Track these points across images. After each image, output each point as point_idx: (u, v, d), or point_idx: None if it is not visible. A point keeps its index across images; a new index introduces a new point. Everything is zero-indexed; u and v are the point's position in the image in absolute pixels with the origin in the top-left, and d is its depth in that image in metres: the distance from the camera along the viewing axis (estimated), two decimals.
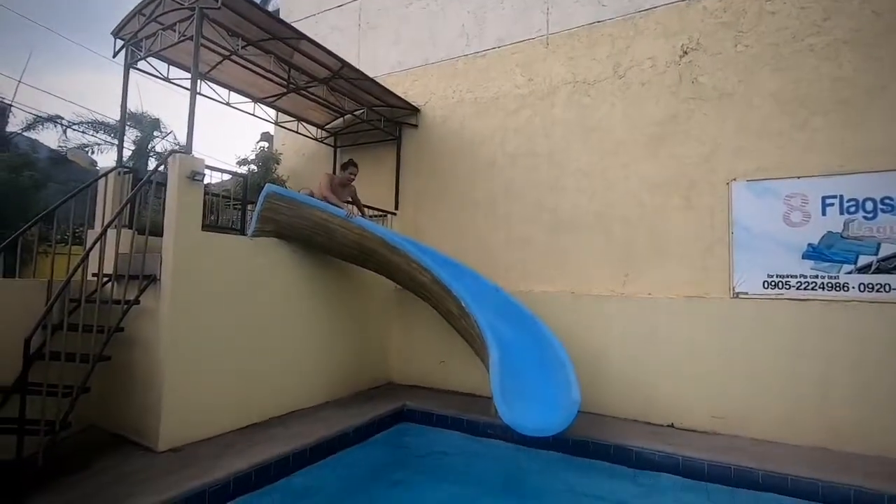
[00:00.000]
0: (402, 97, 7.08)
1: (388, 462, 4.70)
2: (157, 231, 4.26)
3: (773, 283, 4.89)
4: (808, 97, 4.91)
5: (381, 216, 7.00)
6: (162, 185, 4.41)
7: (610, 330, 5.52)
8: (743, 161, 5.13)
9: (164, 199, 4.25)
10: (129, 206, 4.40)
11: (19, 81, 17.27)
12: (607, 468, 4.38)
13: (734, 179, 5.14)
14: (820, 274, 4.72)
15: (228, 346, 4.55)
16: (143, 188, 4.37)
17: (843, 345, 4.51)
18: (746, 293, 4.98)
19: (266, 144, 9.88)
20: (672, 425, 5.09)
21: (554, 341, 5.08)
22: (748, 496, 3.84)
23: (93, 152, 15.72)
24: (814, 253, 4.76)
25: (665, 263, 5.42)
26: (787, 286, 4.83)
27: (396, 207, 7.26)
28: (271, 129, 9.11)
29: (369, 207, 6.76)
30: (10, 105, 14.77)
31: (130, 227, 4.51)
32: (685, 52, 5.53)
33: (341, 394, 5.88)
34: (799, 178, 4.87)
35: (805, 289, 4.76)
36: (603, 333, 5.54)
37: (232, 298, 4.59)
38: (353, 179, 6.00)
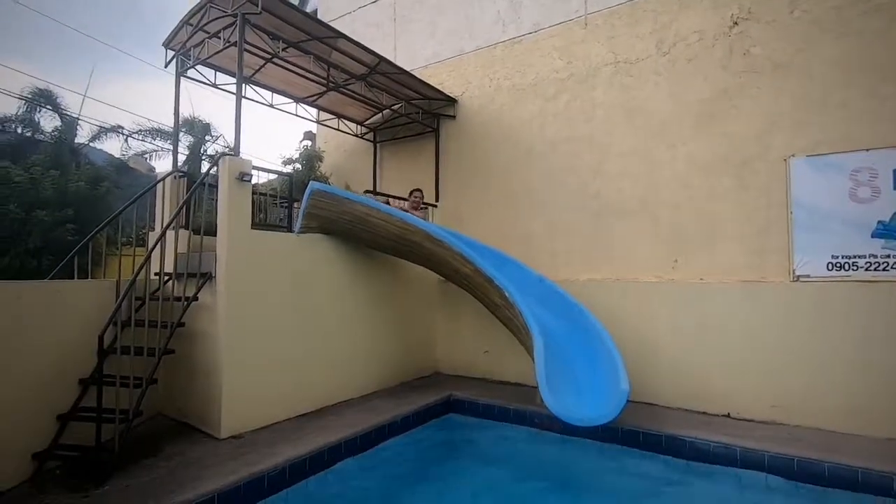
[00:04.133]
0: (439, 88, 7.08)
1: (436, 450, 4.77)
2: (212, 231, 4.48)
3: (838, 265, 4.58)
4: (876, 63, 4.53)
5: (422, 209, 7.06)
6: (214, 186, 4.63)
7: (659, 317, 5.35)
8: (802, 136, 4.81)
9: (217, 200, 4.46)
10: (184, 207, 4.65)
11: (84, 95, 18.50)
12: (660, 459, 4.27)
13: (792, 155, 4.83)
14: (892, 253, 4.38)
15: (281, 338, 4.74)
16: (197, 190, 4.60)
17: None
18: (808, 276, 4.69)
19: (309, 143, 10.15)
20: (728, 415, 4.89)
21: (601, 330, 4.98)
22: (813, 490, 3.64)
23: (151, 158, 16.70)
24: (885, 231, 4.42)
25: (717, 247, 5.18)
26: (855, 267, 4.51)
27: (437, 199, 7.29)
28: (314, 127, 9.36)
29: (409, 200, 6.83)
30: (78, 118, 15.86)
31: (187, 228, 4.77)
32: (735, 23, 5.22)
33: (389, 384, 6.02)
34: (868, 150, 4.51)
35: (875, 269, 4.43)
36: (652, 321, 5.38)
37: (282, 293, 4.77)
38: (419, 203, 6.50)
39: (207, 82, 5.92)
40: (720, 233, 5.18)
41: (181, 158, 14.67)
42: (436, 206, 7.23)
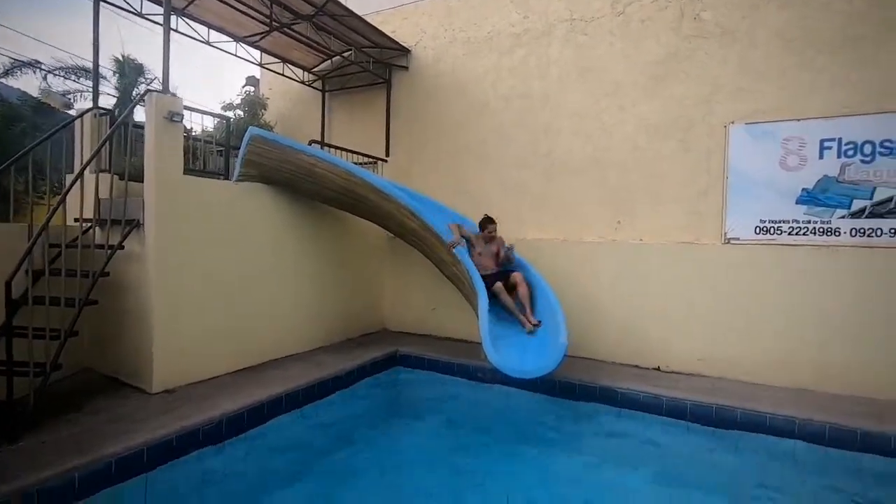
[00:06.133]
0: (392, 37, 6.75)
1: (380, 403, 4.82)
2: (139, 177, 4.14)
3: (764, 229, 4.86)
4: (815, 34, 4.69)
5: (371, 163, 6.85)
6: (142, 128, 4.25)
7: (601, 276, 5.53)
8: (743, 102, 4.97)
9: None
10: (107, 149, 4.26)
11: None
12: (593, 408, 4.50)
13: (732, 122, 5.00)
14: (812, 219, 4.68)
15: (219, 290, 4.54)
16: (122, 130, 4.21)
17: (830, 289, 4.54)
18: (738, 238, 4.95)
19: (252, 89, 9.52)
20: (658, 368, 5.20)
21: (544, 286, 5.09)
22: (729, 433, 3.96)
23: (76, 100, 15.18)
24: (808, 198, 4.70)
25: (659, 209, 5.36)
26: (779, 231, 4.80)
27: (387, 154, 7.08)
28: (258, 73, 8.78)
29: (357, 153, 6.61)
30: None
31: (110, 172, 4.39)
32: None
33: (335, 339, 5.96)
34: (799, 120, 4.73)
35: (797, 234, 4.73)
36: (594, 279, 5.55)
37: (220, 243, 4.54)
38: (493, 235, 5.42)
39: (132, 10, 5.33)
40: (662, 195, 5.34)
41: (112, 102, 13.44)
42: (386, 160, 7.03)
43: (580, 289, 5.53)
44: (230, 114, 8.05)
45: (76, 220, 4.06)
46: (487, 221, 5.41)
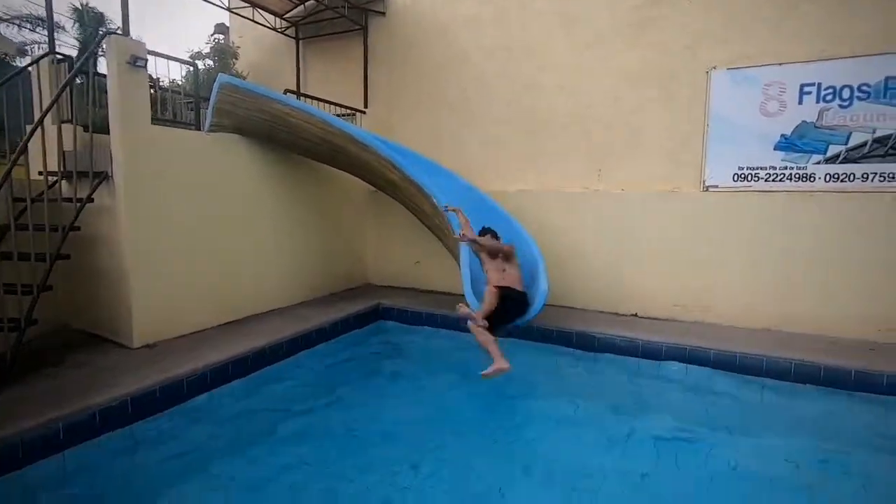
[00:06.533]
0: None
1: (364, 355, 4.86)
2: (106, 130, 3.96)
3: (742, 176, 4.90)
4: None
5: (349, 115, 6.65)
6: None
7: (583, 226, 5.56)
8: (726, 48, 4.89)
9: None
10: (67, 98, 4.04)
11: None
12: (570, 353, 4.63)
13: (714, 68, 4.93)
14: (789, 165, 4.73)
15: (198, 244, 4.47)
16: (85, 80, 3.99)
17: (803, 234, 4.64)
18: (716, 186, 5.00)
19: (221, 37, 9.05)
20: (636, 315, 5.33)
21: (526, 237, 5.11)
22: (701, 370, 4.12)
23: (33, 51, 14.32)
24: (786, 143, 4.73)
25: (640, 158, 5.35)
26: (756, 178, 4.85)
27: (366, 105, 6.88)
28: (227, 20, 8.32)
29: (335, 104, 6.40)
30: None
31: (72, 122, 4.19)
32: None
33: (318, 294, 5.96)
34: (781, 64, 4.69)
35: (773, 180, 4.79)
36: (576, 230, 5.58)
37: (195, 196, 4.43)
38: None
39: None
40: (643, 144, 5.32)
41: (73, 54, 12.70)
42: (364, 112, 6.84)
43: (562, 239, 5.56)
44: (199, 63, 7.66)
45: (40, 173, 3.91)
46: (483, 233, 4.58)
